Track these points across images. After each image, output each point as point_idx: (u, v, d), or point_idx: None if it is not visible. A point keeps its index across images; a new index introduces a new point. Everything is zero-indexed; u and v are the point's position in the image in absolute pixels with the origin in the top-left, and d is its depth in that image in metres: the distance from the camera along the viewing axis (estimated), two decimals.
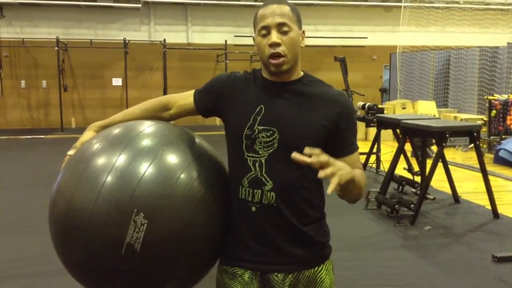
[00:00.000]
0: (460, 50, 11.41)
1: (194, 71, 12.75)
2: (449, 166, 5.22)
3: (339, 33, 13.75)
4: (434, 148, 5.90)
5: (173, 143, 1.40)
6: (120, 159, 1.31)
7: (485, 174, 4.70)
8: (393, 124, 5.63)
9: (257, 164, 1.37)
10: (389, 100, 11.84)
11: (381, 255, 3.73)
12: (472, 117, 9.30)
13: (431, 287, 3.21)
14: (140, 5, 12.46)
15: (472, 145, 4.92)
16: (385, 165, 6.10)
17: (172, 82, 12.54)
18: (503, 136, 8.18)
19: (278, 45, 1.34)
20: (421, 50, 12.26)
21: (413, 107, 10.08)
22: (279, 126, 1.37)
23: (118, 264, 1.28)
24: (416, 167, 5.52)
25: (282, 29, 1.35)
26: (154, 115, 1.54)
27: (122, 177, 1.28)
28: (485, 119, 8.78)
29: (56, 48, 11.60)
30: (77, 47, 12.35)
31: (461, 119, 8.86)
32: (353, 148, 1.44)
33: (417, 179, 5.34)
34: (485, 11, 13.49)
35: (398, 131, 5.56)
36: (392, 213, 4.60)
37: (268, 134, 1.37)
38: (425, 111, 9.71)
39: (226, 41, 12.68)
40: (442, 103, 11.54)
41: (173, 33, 13.09)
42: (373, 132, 7.13)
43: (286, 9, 1.36)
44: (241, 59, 12.61)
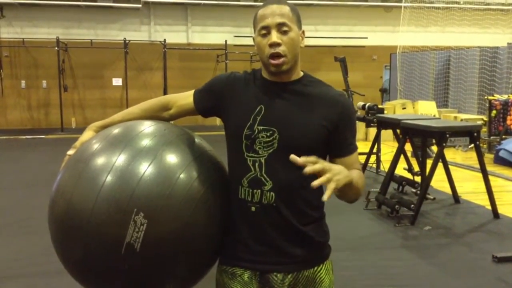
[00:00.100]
0: (460, 50, 11.41)
1: (194, 71, 12.75)
2: (449, 166, 5.22)
3: (339, 33, 13.76)
4: (434, 148, 5.90)
5: (173, 143, 1.40)
6: (120, 159, 1.31)
7: (485, 174, 4.70)
8: (393, 124, 5.63)
9: (256, 164, 1.37)
10: (389, 100, 11.83)
11: (381, 255, 3.73)
12: (472, 117, 9.30)
13: (431, 287, 3.21)
14: (140, 5, 12.46)
15: (472, 145, 4.91)
16: (385, 165, 6.10)
17: (172, 82, 12.54)
18: (503, 136, 8.18)
19: (278, 45, 1.34)
20: (421, 50, 12.26)
21: (413, 107, 10.07)
22: (279, 126, 1.37)
23: (118, 264, 1.28)
24: (416, 167, 5.51)
25: (282, 29, 1.35)
26: (154, 115, 1.54)
27: (122, 177, 1.28)
28: (485, 119, 8.78)
29: (56, 48, 11.60)
30: (77, 47, 12.36)
31: (461, 119, 8.86)
32: (352, 149, 1.44)
33: (417, 179, 5.33)
34: (485, 11, 13.50)
35: (398, 131, 5.56)
36: (392, 213, 4.60)
37: (268, 134, 1.37)
38: (425, 111, 9.70)
39: (226, 41, 12.69)
40: (442, 103, 11.54)
41: (173, 33, 13.10)
42: (373, 132, 7.13)
43: (286, 9, 1.37)
44: (241, 59, 12.62)
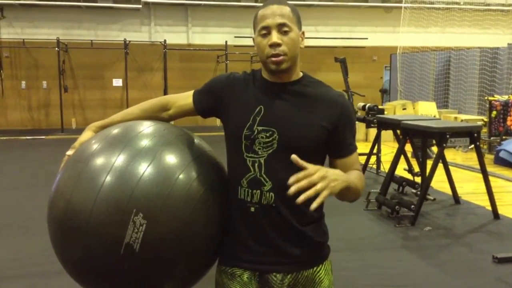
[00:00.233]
0: (461, 51, 11.41)
1: (194, 72, 12.75)
2: (450, 167, 5.22)
3: (339, 34, 13.76)
4: (435, 149, 5.89)
5: (172, 143, 1.40)
6: (119, 159, 1.31)
7: (485, 175, 4.70)
8: (394, 124, 5.63)
9: (256, 165, 1.37)
10: (389, 101, 11.83)
11: (381, 256, 3.73)
12: (473, 118, 9.30)
13: (431, 287, 3.21)
14: (140, 6, 12.46)
15: (473, 146, 4.91)
16: (386, 166, 6.10)
17: (172, 83, 12.54)
18: (503, 137, 8.18)
19: (279, 45, 1.34)
20: (422, 51, 12.26)
21: (414, 108, 10.07)
22: (278, 126, 1.37)
23: (117, 264, 1.27)
24: (416, 168, 5.51)
25: (282, 29, 1.35)
26: (153, 116, 1.54)
27: (121, 177, 1.28)
28: (485, 120, 8.77)
29: (56, 48, 11.61)
30: (77, 48, 12.36)
31: (461, 120, 8.86)
32: (352, 149, 1.44)
33: (418, 179, 5.33)
34: (486, 12, 13.50)
35: (399, 131, 5.56)
36: (393, 213, 4.60)
37: (268, 135, 1.37)
38: (425, 111, 9.70)
39: (226, 42, 12.69)
40: (443, 103, 11.54)
41: (174, 34, 13.10)
42: (373, 133, 7.13)
43: (286, 9, 1.37)
44: (241, 59, 12.62)
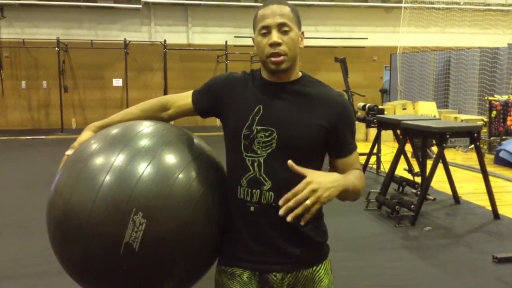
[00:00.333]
0: (461, 51, 11.41)
1: (194, 72, 12.75)
2: (450, 167, 5.21)
3: (339, 34, 13.76)
4: (435, 149, 5.89)
5: (171, 143, 1.39)
6: (119, 159, 1.31)
7: (485, 175, 4.70)
8: (394, 124, 5.63)
9: (255, 164, 1.37)
10: (389, 101, 11.83)
11: (381, 256, 3.72)
12: (473, 117, 9.29)
13: (431, 287, 3.21)
14: (140, 6, 12.46)
15: (473, 145, 4.91)
16: (386, 165, 6.10)
17: (172, 83, 12.54)
18: (503, 137, 8.18)
19: (279, 44, 1.34)
20: (422, 51, 12.25)
21: (414, 108, 10.07)
22: (277, 126, 1.37)
23: (117, 264, 1.27)
24: (416, 168, 5.51)
25: (282, 29, 1.35)
26: (153, 115, 1.54)
27: (121, 177, 1.28)
28: (485, 120, 8.77)
29: (56, 48, 11.61)
30: (77, 48, 12.36)
31: (461, 120, 8.85)
32: (352, 149, 1.44)
33: (418, 179, 5.33)
34: (486, 12, 13.50)
35: (399, 131, 5.56)
36: (393, 213, 4.59)
37: (267, 134, 1.37)
38: (425, 111, 9.70)
39: (226, 42, 12.69)
40: (443, 103, 11.54)
41: (174, 34, 13.10)
42: (373, 132, 7.13)
43: (286, 9, 1.37)
44: (241, 59, 12.61)
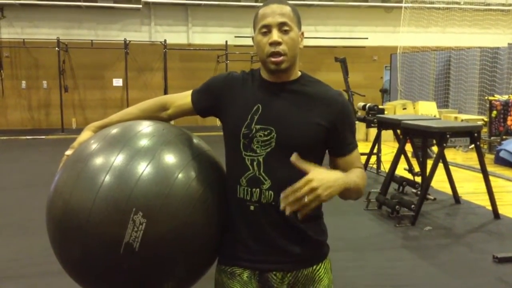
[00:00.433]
0: (461, 51, 11.41)
1: (194, 72, 12.75)
2: (450, 167, 5.21)
3: (339, 34, 13.76)
4: (435, 149, 5.89)
5: (171, 143, 1.39)
6: (118, 158, 1.30)
7: (485, 174, 4.70)
8: (394, 124, 5.63)
9: (255, 163, 1.37)
10: (389, 101, 11.83)
11: (381, 256, 3.72)
12: (473, 117, 9.29)
13: (431, 287, 3.21)
14: (140, 6, 12.47)
15: (473, 145, 4.91)
16: (386, 165, 6.09)
17: (172, 83, 12.54)
18: (503, 137, 8.18)
19: (279, 44, 1.34)
20: (422, 51, 12.25)
21: (414, 108, 10.07)
22: (276, 125, 1.37)
23: (117, 264, 1.27)
24: (416, 168, 5.51)
25: (283, 28, 1.35)
26: (152, 115, 1.54)
27: (121, 177, 1.28)
28: (485, 119, 8.77)
29: (56, 48, 11.61)
30: (77, 48, 12.37)
31: (461, 120, 8.85)
32: (352, 147, 1.44)
33: (418, 179, 5.33)
34: (486, 11, 13.49)
35: (399, 131, 5.56)
36: (393, 213, 4.59)
37: (266, 133, 1.36)
38: (425, 111, 9.70)
39: (226, 41, 12.69)
40: (443, 103, 11.53)
41: (174, 34, 13.10)
42: (373, 132, 7.13)
43: (287, 9, 1.37)
44: (241, 59, 12.61)
